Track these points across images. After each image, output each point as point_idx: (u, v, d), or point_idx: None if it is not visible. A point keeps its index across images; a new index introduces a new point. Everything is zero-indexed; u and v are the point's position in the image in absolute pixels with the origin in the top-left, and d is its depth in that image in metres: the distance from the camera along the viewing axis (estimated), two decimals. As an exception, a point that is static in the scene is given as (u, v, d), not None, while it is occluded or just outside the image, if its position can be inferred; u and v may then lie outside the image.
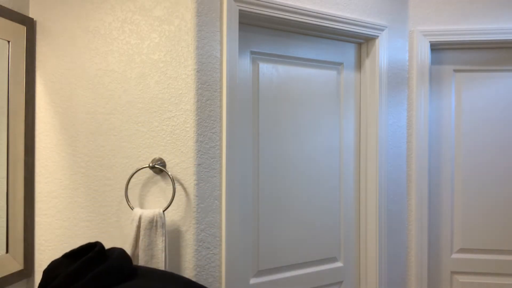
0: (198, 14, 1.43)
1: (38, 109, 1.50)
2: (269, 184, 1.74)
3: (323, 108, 1.88)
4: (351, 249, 1.97)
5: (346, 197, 1.96)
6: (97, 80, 1.47)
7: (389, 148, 1.96)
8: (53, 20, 1.49)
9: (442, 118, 2.13)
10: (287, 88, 1.78)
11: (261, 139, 1.72)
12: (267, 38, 1.72)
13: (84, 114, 1.48)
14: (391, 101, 1.97)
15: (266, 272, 1.73)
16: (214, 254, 1.47)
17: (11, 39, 1.39)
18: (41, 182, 1.49)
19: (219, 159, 1.49)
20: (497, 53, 2.10)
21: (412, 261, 2.05)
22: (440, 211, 2.12)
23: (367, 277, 1.96)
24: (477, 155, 2.10)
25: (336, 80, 1.92)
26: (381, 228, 1.92)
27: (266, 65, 1.73)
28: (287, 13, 1.64)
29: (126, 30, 1.45)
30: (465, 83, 2.12)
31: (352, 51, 1.97)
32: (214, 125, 1.48)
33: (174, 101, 1.43)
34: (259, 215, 1.71)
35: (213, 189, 1.47)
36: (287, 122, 1.78)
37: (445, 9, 2.06)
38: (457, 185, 2.12)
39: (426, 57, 2.04)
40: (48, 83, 1.49)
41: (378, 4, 1.92)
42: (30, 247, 1.47)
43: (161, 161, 1.43)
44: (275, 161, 1.75)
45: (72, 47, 1.49)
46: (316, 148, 1.86)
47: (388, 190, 1.96)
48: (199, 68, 1.43)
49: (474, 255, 2.11)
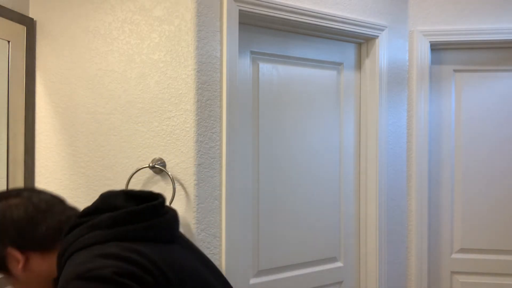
0: (198, 14, 1.43)
1: (38, 109, 1.50)
2: (269, 184, 1.74)
3: (323, 108, 1.88)
4: (351, 249, 1.97)
5: (346, 197, 1.96)
6: (97, 80, 1.47)
7: (389, 148, 1.96)
8: (53, 20, 1.49)
9: (442, 118, 2.13)
10: (287, 88, 1.78)
11: (261, 139, 1.72)
12: (267, 38, 1.72)
13: (84, 114, 1.48)
14: (391, 101, 1.97)
15: (266, 272, 1.74)
16: (214, 254, 1.47)
17: (11, 39, 1.39)
18: (41, 182, 1.49)
19: (219, 159, 1.49)
20: (497, 53, 2.10)
21: (412, 261, 2.05)
22: (440, 211, 2.12)
23: (367, 277, 1.96)
24: (477, 154, 2.10)
25: (336, 80, 1.92)
26: (381, 228, 1.92)
27: (266, 65, 1.73)
28: (287, 13, 1.64)
29: (126, 30, 1.45)
30: (465, 83, 2.12)
31: (352, 51, 1.97)
32: (214, 125, 1.48)
33: (174, 101, 1.43)
34: (259, 215, 1.71)
35: (213, 189, 1.47)
36: (287, 122, 1.78)
37: (445, 9, 2.06)
38: (457, 185, 2.12)
39: (426, 57, 2.04)
40: (48, 83, 1.49)
41: (378, 4, 1.92)
42: (30, 247, 1.47)
43: (161, 161, 1.43)
44: (275, 161, 1.75)
45: (72, 47, 1.49)
46: (316, 148, 1.86)
47: (388, 190, 1.96)
48: (199, 68, 1.43)
49: (474, 255, 2.11)
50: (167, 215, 0.99)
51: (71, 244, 0.89)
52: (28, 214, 0.95)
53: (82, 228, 0.90)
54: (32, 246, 0.94)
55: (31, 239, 0.94)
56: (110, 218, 0.91)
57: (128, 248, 0.85)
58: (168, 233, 0.98)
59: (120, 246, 0.85)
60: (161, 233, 0.95)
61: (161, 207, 0.99)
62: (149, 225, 0.93)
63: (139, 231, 0.91)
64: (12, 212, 0.94)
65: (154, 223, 0.94)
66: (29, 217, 0.94)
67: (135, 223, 0.92)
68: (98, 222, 0.90)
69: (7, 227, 0.94)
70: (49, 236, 0.95)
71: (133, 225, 0.91)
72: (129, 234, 0.89)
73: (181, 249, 0.99)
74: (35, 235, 0.94)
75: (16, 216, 0.94)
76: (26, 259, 0.95)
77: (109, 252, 0.83)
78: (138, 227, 0.91)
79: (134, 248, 0.85)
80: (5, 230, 0.94)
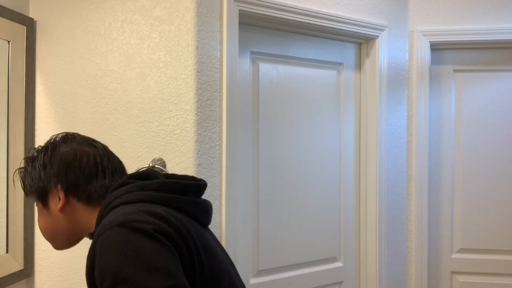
0: (198, 14, 1.43)
1: (38, 109, 1.50)
2: (269, 184, 1.74)
3: (323, 108, 1.88)
4: (351, 249, 1.97)
5: (346, 197, 1.96)
6: (97, 80, 1.47)
7: (389, 148, 1.96)
8: (53, 20, 1.49)
9: (442, 118, 2.13)
10: (287, 88, 1.78)
11: (261, 139, 1.72)
12: (267, 38, 1.72)
13: (84, 114, 1.48)
14: (391, 101, 1.97)
15: (266, 272, 1.73)
16: (214, 254, 1.47)
17: (11, 39, 1.39)
18: (41, 182, 1.49)
19: (219, 159, 1.49)
20: (497, 53, 2.10)
21: (412, 261, 2.05)
22: (440, 211, 2.12)
23: (367, 277, 1.96)
24: (477, 155, 2.10)
25: (336, 80, 1.92)
26: (381, 228, 1.92)
27: (266, 65, 1.73)
28: (287, 13, 1.64)
29: (126, 30, 1.45)
30: (465, 83, 2.12)
31: (352, 51, 1.97)
32: (214, 125, 1.48)
33: (174, 101, 1.43)
34: (259, 215, 1.71)
35: (213, 189, 1.47)
36: (287, 122, 1.78)
37: (445, 9, 2.06)
38: (457, 185, 2.12)
39: (426, 57, 2.04)
40: (48, 83, 1.49)
41: (378, 4, 1.92)
42: (30, 247, 1.47)
43: (161, 161, 1.43)
44: (275, 161, 1.75)
45: (72, 47, 1.48)
46: (316, 148, 1.86)
47: (388, 190, 1.96)
48: (199, 68, 1.43)
49: (474, 255, 2.11)
50: (206, 200, 1.02)
51: (118, 197, 0.90)
52: (92, 167, 0.97)
53: (131, 186, 0.92)
54: (80, 195, 0.96)
55: (83, 190, 0.96)
56: (161, 183, 0.93)
57: (172, 214, 0.86)
58: (206, 217, 1.00)
59: (165, 209, 0.87)
60: (201, 213, 0.97)
61: (203, 190, 1.01)
62: (194, 201, 0.96)
63: (185, 202, 0.93)
64: (82, 158, 0.97)
65: (199, 201, 0.97)
66: (92, 170, 0.97)
67: (182, 195, 0.94)
68: (149, 184, 0.93)
69: (69, 169, 0.96)
70: (99, 193, 0.96)
71: (181, 195, 0.93)
72: (174, 202, 0.91)
73: (212, 238, 1.01)
74: (88, 187, 0.96)
75: (83, 164, 0.96)
76: (67, 202, 0.96)
77: (154, 210, 0.84)
78: (185, 199, 0.94)
79: (177, 216, 0.87)
80: (66, 170, 0.96)
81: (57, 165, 0.96)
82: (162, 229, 0.79)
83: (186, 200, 0.94)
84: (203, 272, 0.85)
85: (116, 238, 0.77)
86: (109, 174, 0.98)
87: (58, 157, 0.97)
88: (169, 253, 0.77)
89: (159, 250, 0.76)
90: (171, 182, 0.95)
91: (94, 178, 0.96)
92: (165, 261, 0.75)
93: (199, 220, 0.96)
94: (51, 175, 0.96)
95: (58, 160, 0.96)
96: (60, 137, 1.01)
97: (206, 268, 0.86)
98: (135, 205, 0.87)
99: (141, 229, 0.78)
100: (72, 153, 0.97)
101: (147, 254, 0.75)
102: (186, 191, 0.95)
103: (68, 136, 1.01)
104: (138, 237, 0.77)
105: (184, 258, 0.81)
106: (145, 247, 0.76)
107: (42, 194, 0.98)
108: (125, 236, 0.77)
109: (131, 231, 0.77)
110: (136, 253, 0.75)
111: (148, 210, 0.84)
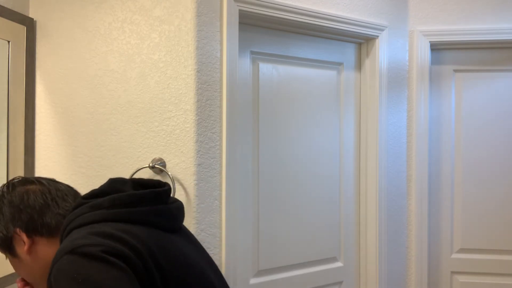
0: (198, 14, 1.43)
1: (38, 109, 1.50)
2: (269, 184, 1.74)
3: (323, 109, 1.88)
4: (351, 249, 1.97)
5: (346, 197, 1.96)
6: (97, 80, 1.47)
7: (389, 148, 1.96)
8: (53, 20, 1.49)
9: (442, 118, 2.13)
10: (287, 88, 1.78)
11: (261, 139, 1.72)
12: (267, 38, 1.72)
13: (84, 114, 1.48)
14: (391, 101, 1.97)
15: (266, 272, 1.74)
16: (214, 254, 1.47)
17: (11, 39, 1.39)
18: (41, 182, 1.49)
19: (219, 159, 1.49)
20: (497, 53, 2.10)
21: (412, 261, 2.05)
22: (440, 211, 2.12)
23: (367, 277, 1.96)
24: (477, 155, 2.10)
25: (336, 80, 1.92)
26: (381, 228, 1.92)
27: (266, 65, 1.73)
28: (287, 13, 1.64)
29: (126, 30, 1.45)
30: (465, 83, 2.12)
31: (352, 51, 1.97)
32: (214, 125, 1.48)
33: (174, 101, 1.43)
34: (259, 215, 1.71)
35: (213, 189, 1.47)
36: (287, 122, 1.78)
37: (445, 9, 2.06)
38: (457, 185, 2.12)
39: (426, 57, 2.04)
40: (48, 83, 1.49)
41: (378, 4, 1.92)
42: (30, 247, 1.47)
43: (161, 161, 1.43)
44: (275, 161, 1.75)
45: (72, 47, 1.49)
46: (316, 148, 1.86)
47: (388, 190, 1.96)
48: (199, 68, 1.43)
49: (474, 255, 2.11)
50: (171, 204, 1.01)
51: (71, 222, 0.92)
52: (42, 201, 0.99)
53: (84, 207, 0.93)
54: (40, 231, 0.98)
55: (40, 224, 0.98)
56: (111, 199, 0.94)
57: (123, 229, 0.87)
58: (170, 222, 0.99)
59: (116, 226, 0.88)
60: (161, 220, 0.97)
61: (165, 195, 1.00)
62: (149, 210, 0.95)
63: (138, 214, 0.93)
64: (29, 197, 0.99)
65: (155, 209, 0.97)
66: (42, 204, 0.99)
67: (135, 206, 0.94)
68: (100, 202, 0.93)
69: (20, 211, 0.98)
70: (56, 221, 0.99)
71: (133, 208, 0.93)
72: (127, 216, 0.92)
73: (182, 242, 1.00)
74: (45, 221, 0.98)
75: (32, 202, 0.98)
76: (32, 243, 0.98)
77: (103, 230, 0.86)
78: (137, 210, 0.93)
79: (129, 229, 0.88)
80: (18, 213, 0.98)
81: (9, 212, 0.98)
82: (110, 248, 0.81)
83: (141, 212, 0.94)
84: (165, 278, 0.86)
85: (65, 267, 0.79)
86: (61, 201, 1.01)
87: (6, 205, 0.99)
88: (118, 271, 0.79)
89: (108, 272, 0.78)
90: (123, 196, 0.94)
91: (46, 210, 0.99)
92: (114, 281, 0.77)
93: (163, 227, 0.96)
94: (7, 223, 0.98)
95: (8, 208, 0.99)
96: (4, 187, 1.03)
97: (168, 274, 0.87)
98: (85, 228, 0.88)
99: (89, 253, 0.80)
100: (18, 196, 0.99)
101: (96, 278, 0.77)
102: (141, 202, 0.95)
103: (9, 183, 1.03)
104: (86, 262, 0.79)
105: (138, 271, 0.82)
106: (93, 271, 0.78)
107: (7, 244, 1.00)
108: (74, 264, 0.79)
109: (80, 257, 0.80)
110: (85, 279, 0.77)
111: (97, 231, 0.86)
